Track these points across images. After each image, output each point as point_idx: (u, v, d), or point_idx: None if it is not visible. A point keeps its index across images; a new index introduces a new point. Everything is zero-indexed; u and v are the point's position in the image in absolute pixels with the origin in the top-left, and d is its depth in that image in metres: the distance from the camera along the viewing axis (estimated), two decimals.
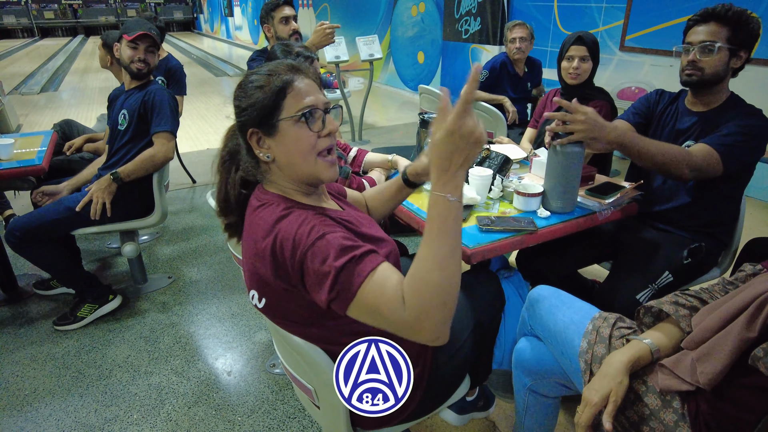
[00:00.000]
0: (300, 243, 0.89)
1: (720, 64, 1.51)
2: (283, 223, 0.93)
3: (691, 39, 1.52)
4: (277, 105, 0.98)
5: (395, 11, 7.68)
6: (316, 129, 0.99)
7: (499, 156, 1.75)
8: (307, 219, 0.93)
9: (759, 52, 3.42)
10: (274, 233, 0.93)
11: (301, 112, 0.97)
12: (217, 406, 1.80)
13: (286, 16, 2.54)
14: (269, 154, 1.01)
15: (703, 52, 1.50)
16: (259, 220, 0.97)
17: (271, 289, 0.97)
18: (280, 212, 0.95)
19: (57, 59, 12.91)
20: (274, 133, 0.99)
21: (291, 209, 0.96)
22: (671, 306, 1.06)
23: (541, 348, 1.27)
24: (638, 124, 1.79)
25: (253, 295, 1.03)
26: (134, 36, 2.13)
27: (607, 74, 4.47)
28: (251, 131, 1.00)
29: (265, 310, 1.03)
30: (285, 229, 0.92)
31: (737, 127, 1.50)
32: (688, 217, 1.68)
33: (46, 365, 2.00)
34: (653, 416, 0.98)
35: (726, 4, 1.49)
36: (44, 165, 2.22)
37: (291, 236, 0.90)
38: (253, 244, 0.98)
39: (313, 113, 0.98)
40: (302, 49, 1.69)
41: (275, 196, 1.02)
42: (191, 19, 23.32)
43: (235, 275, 2.66)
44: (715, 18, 1.49)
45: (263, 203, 1.00)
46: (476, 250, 1.35)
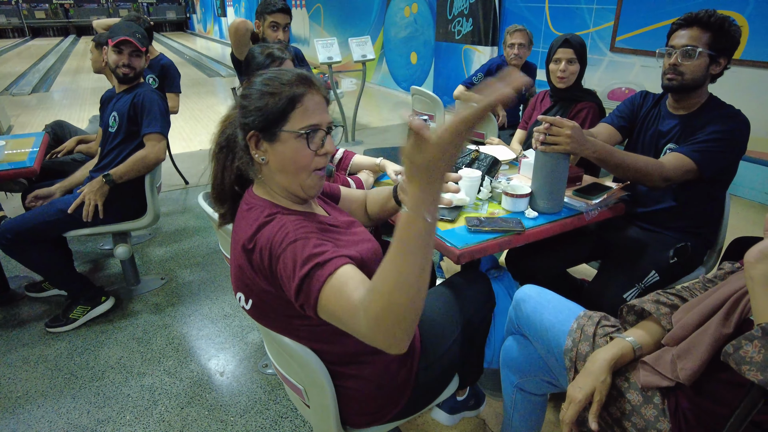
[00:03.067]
0: (274, 250, 0.92)
1: (699, 69, 1.55)
2: (265, 230, 0.96)
3: (674, 43, 1.56)
4: (284, 116, 0.99)
5: (388, 12, 7.71)
6: (315, 148, 1.01)
7: (488, 158, 1.77)
8: (285, 225, 0.95)
9: (746, 54, 3.48)
10: (254, 239, 0.96)
11: (304, 130, 0.99)
12: (209, 406, 1.81)
13: (276, 23, 2.57)
14: (264, 158, 1.03)
15: (685, 56, 1.53)
16: (245, 225, 1.00)
17: (254, 291, 1.00)
18: (264, 218, 0.98)
19: (48, 59, 12.82)
20: (274, 140, 1.00)
21: (274, 216, 0.99)
22: (653, 305, 1.09)
23: (528, 346, 1.29)
24: (622, 127, 1.83)
25: (240, 297, 1.05)
26: (116, 41, 2.14)
27: (598, 75, 4.52)
28: (252, 133, 1.02)
29: (252, 311, 1.05)
30: (265, 236, 0.95)
31: (714, 133, 1.55)
32: (673, 217, 1.71)
33: (38, 367, 2.01)
34: (635, 412, 1.00)
35: (709, 11, 1.52)
36: (36, 167, 2.22)
37: (268, 244, 0.93)
38: (238, 248, 1.00)
39: (315, 133, 1.01)
40: (276, 50, 1.73)
41: (262, 201, 1.04)
42: (184, 19, 23.23)
43: (228, 276, 2.67)
44: (698, 23, 1.53)
45: (251, 207, 1.03)
46: (465, 250, 1.37)
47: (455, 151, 0.69)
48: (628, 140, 1.86)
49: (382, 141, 5.29)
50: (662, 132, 1.71)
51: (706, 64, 1.54)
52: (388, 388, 1.13)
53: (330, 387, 1.06)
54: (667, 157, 1.59)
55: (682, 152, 1.56)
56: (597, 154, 1.51)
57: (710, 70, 1.56)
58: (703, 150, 1.55)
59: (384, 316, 0.76)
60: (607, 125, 1.85)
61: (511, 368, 1.35)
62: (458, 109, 0.67)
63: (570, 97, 2.19)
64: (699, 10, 1.54)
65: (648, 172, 1.54)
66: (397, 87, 8.02)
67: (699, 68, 1.54)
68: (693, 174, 1.56)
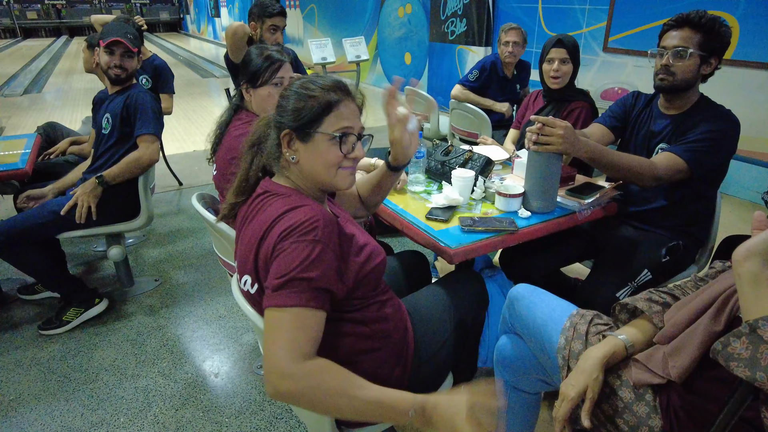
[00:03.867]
0: (300, 229, 0.94)
1: (690, 69, 1.56)
2: (299, 210, 0.99)
3: (666, 43, 1.57)
4: (319, 118, 1.05)
5: (382, 12, 7.71)
6: (346, 151, 1.06)
7: (481, 158, 1.78)
8: (321, 213, 0.98)
9: (737, 54, 3.51)
10: (285, 213, 0.99)
11: (338, 132, 1.04)
12: (204, 408, 1.81)
13: (276, 25, 2.60)
14: (295, 156, 1.08)
15: (676, 56, 1.55)
16: (269, 208, 1.04)
17: (261, 266, 1.01)
18: (293, 202, 1.02)
19: (40, 60, 12.75)
20: (308, 140, 1.06)
21: (304, 202, 1.03)
22: (645, 303, 1.10)
23: (521, 345, 1.29)
24: (615, 127, 1.84)
25: (246, 280, 1.07)
26: (108, 42, 2.13)
27: (591, 75, 4.54)
28: (286, 131, 1.07)
29: (255, 297, 1.06)
30: (299, 212, 0.98)
31: (704, 132, 1.57)
32: (665, 216, 1.73)
33: (31, 370, 1.99)
34: (627, 409, 1.01)
35: (700, 11, 1.54)
36: (28, 169, 2.21)
37: (300, 219, 0.96)
38: (257, 225, 1.03)
39: (348, 137, 1.06)
40: (275, 52, 1.72)
41: (287, 189, 1.08)
42: (177, 19, 23.16)
43: (222, 277, 2.66)
44: (689, 24, 1.54)
45: (274, 193, 1.07)
46: (458, 250, 1.38)
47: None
48: (621, 140, 1.88)
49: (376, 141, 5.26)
50: (654, 132, 1.72)
51: (697, 65, 1.56)
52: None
53: None
54: (659, 157, 1.60)
55: (674, 152, 1.58)
56: (589, 154, 1.52)
57: (701, 71, 1.58)
58: (694, 150, 1.56)
59: (311, 397, 0.86)
60: (600, 125, 1.86)
61: (504, 367, 1.36)
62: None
63: (563, 97, 2.21)
64: (690, 10, 1.56)
65: (640, 172, 1.55)
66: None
67: (690, 69, 1.56)
68: (684, 173, 1.58)
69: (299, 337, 0.89)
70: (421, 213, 1.58)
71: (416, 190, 1.78)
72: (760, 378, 0.76)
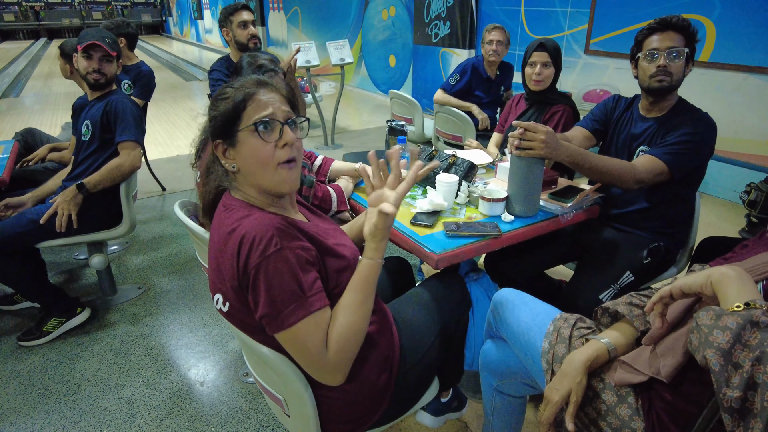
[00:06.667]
0: (257, 247, 0.93)
1: (682, 70, 1.60)
2: (245, 221, 0.98)
3: (657, 45, 1.59)
4: (238, 115, 1.02)
5: (366, 15, 7.72)
6: (271, 139, 1.02)
7: (464, 162, 1.79)
8: (270, 222, 0.96)
9: (714, 56, 3.58)
10: (235, 229, 0.97)
11: (254, 122, 1.01)
12: (190, 417, 1.79)
13: (244, 20, 2.62)
14: (234, 164, 1.05)
15: (671, 57, 1.58)
16: (223, 222, 1.02)
17: (230, 287, 0.99)
18: (243, 214, 1.01)
19: (18, 63, 12.51)
20: (236, 143, 1.03)
21: (252, 213, 1.01)
22: (626, 307, 1.11)
23: (506, 349, 1.30)
24: (596, 130, 1.86)
25: (218, 299, 1.05)
26: (84, 45, 2.10)
27: (573, 77, 4.60)
28: (217, 142, 1.05)
29: (229, 315, 1.04)
30: (245, 226, 0.96)
31: (683, 135, 1.60)
32: (646, 218, 1.75)
33: (11, 383, 1.95)
34: (610, 412, 1.02)
35: (679, 16, 1.57)
36: (5, 176, 2.17)
37: (251, 235, 0.94)
38: (216, 241, 1.02)
39: (268, 124, 1.02)
40: (267, 62, 1.71)
41: (239, 202, 1.06)
42: (160, 22, 22.90)
43: (206, 284, 2.62)
44: (672, 27, 1.57)
45: (227, 208, 1.05)
46: (442, 255, 1.38)
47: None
48: (602, 143, 1.90)
49: (361, 144, 5.29)
50: (635, 135, 1.75)
51: (685, 66, 1.60)
52: (369, 394, 1.13)
53: (310, 396, 1.06)
54: (640, 160, 1.63)
55: (654, 154, 1.61)
56: (571, 158, 1.54)
57: (684, 72, 1.62)
58: (674, 152, 1.59)
59: (349, 346, 0.99)
60: (582, 129, 1.88)
61: (490, 371, 1.37)
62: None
63: (545, 100, 2.23)
64: (666, 15, 1.59)
65: (621, 175, 1.57)
66: (376, 90, 8.03)
67: (682, 69, 1.60)
68: (664, 176, 1.60)
69: (317, 338, 0.96)
70: (406, 218, 1.58)
71: None
72: (701, 360, 0.78)
